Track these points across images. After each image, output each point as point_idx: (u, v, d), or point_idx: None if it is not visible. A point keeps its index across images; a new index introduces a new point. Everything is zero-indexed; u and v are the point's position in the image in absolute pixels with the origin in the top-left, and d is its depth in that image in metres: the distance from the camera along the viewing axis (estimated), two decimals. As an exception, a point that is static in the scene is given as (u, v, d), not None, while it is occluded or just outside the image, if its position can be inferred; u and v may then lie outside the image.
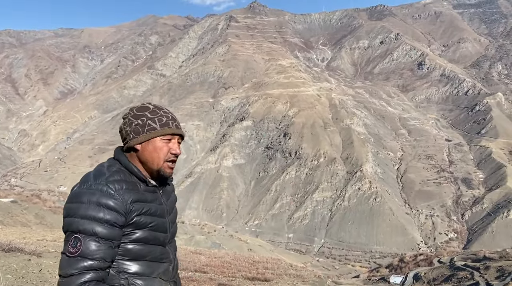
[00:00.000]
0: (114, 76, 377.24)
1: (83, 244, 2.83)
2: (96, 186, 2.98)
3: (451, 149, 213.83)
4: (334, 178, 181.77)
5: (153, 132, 3.18)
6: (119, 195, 2.98)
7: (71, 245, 2.85)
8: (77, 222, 2.87)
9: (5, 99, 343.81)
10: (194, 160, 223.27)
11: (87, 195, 2.93)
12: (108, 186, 2.98)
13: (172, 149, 3.25)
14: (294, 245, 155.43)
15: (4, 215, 49.36)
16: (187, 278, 19.70)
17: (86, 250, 2.82)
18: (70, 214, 2.92)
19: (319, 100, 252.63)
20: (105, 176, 3.06)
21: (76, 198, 2.95)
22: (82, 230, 2.85)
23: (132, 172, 3.18)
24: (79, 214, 2.88)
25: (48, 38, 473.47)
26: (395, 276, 75.11)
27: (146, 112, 3.22)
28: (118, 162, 3.23)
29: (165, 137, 3.22)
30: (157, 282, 3.23)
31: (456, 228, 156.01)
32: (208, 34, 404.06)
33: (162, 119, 3.22)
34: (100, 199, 2.91)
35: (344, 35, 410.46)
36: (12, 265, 12.14)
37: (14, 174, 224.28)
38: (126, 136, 3.24)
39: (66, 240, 2.91)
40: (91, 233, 2.85)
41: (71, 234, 2.88)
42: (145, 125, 3.18)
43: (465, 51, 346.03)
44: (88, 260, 2.82)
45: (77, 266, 2.80)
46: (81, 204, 2.90)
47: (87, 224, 2.85)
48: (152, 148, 3.18)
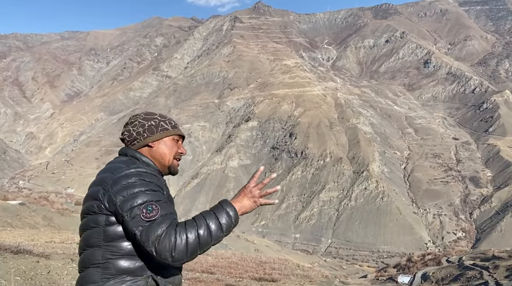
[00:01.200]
0: (120, 78, 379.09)
1: (156, 206, 2.95)
2: (135, 169, 3.16)
3: (459, 147, 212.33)
4: (341, 177, 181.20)
5: (166, 132, 3.52)
6: (155, 177, 3.23)
7: (146, 212, 2.91)
8: (139, 197, 2.97)
9: (13, 102, 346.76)
10: (200, 160, 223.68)
11: (133, 176, 3.09)
12: (146, 168, 3.25)
13: (179, 148, 3.63)
14: (301, 245, 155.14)
15: (13, 217, 49.73)
16: (194, 279, 19.70)
17: (163, 210, 2.96)
18: (126, 195, 3.00)
19: (324, 100, 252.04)
20: (136, 163, 3.30)
21: (124, 180, 3.07)
22: (148, 199, 2.98)
23: (150, 165, 3.41)
24: (135, 191, 3.00)
25: (54, 41, 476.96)
26: (403, 276, 74.67)
27: (156, 116, 3.59)
28: (134, 158, 3.43)
29: (175, 138, 3.59)
30: (177, 274, 3.37)
31: (464, 227, 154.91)
32: (213, 35, 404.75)
33: (171, 122, 3.61)
34: (145, 177, 3.12)
35: (349, 34, 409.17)
36: (21, 267, 12.21)
37: (22, 176, 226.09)
38: (137, 137, 3.47)
39: (135, 216, 2.93)
40: (157, 198, 3.02)
41: (138, 207, 2.94)
42: (159, 126, 3.50)
43: (472, 48, 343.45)
44: (169, 215, 2.97)
45: (163, 224, 2.87)
46: (133, 182, 3.05)
47: (148, 195, 3.00)
48: (164, 146, 3.50)
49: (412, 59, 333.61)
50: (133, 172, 3.12)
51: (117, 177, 3.09)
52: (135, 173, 3.12)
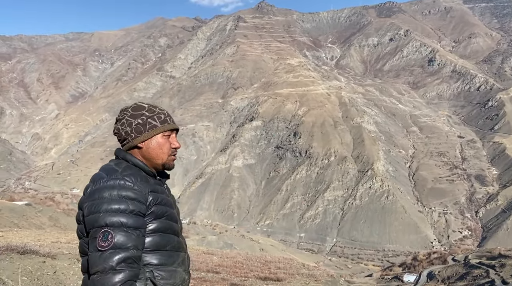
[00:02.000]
0: (124, 79, 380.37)
1: (114, 236, 2.86)
2: (113, 181, 3.07)
3: (464, 145, 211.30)
4: (345, 176, 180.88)
5: (155, 130, 3.34)
6: (136, 186, 3.09)
7: (101, 240, 2.87)
8: (102, 217, 2.92)
9: (18, 103, 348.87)
10: (204, 160, 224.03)
11: (107, 190, 3.01)
12: (125, 178, 3.10)
13: (172, 143, 3.44)
14: (306, 245, 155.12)
15: (19, 217, 50.07)
16: (199, 279, 19.76)
17: (118, 242, 2.86)
18: (93, 210, 2.98)
19: (328, 99, 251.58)
20: (118, 171, 3.19)
21: (95, 194, 3.02)
22: (110, 223, 2.90)
23: (141, 167, 3.31)
24: (103, 208, 2.93)
25: (59, 43, 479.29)
26: (409, 275, 74.43)
27: (144, 111, 3.37)
28: (124, 160, 3.35)
29: (166, 134, 3.40)
30: (178, 272, 3.34)
31: (470, 225, 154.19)
32: (216, 35, 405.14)
33: (160, 116, 3.39)
34: (120, 191, 3.01)
35: (353, 33, 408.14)
36: (27, 267, 12.30)
37: (28, 177, 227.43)
38: (126, 137, 3.37)
39: (94, 237, 2.93)
40: (120, 224, 2.91)
41: (99, 229, 2.92)
42: (146, 124, 3.33)
43: (477, 46, 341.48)
44: (122, 251, 2.86)
45: (112, 259, 2.82)
46: (103, 199, 2.97)
47: (113, 216, 2.91)
48: (155, 144, 3.34)
49: (416, 58, 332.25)
50: (109, 185, 3.04)
51: (93, 189, 3.07)
52: (109, 186, 3.03)
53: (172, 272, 3.26)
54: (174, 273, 3.28)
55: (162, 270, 3.20)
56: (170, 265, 3.27)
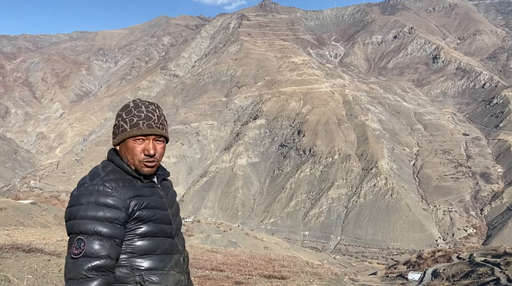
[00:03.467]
0: (128, 78, 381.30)
1: (87, 244, 2.87)
2: (92, 187, 3.03)
3: (469, 143, 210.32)
4: (349, 174, 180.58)
5: (123, 134, 3.23)
6: (116, 192, 3.04)
7: (74, 247, 2.89)
8: (78, 224, 2.93)
9: (23, 103, 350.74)
10: (208, 159, 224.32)
11: (85, 196, 3.00)
12: (105, 184, 3.05)
13: (145, 149, 3.22)
14: (310, 243, 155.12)
15: (25, 216, 50.36)
16: (204, 277, 19.80)
17: (90, 250, 2.86)
18: (70, 217, 3.00)
19: (332, 97, 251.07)
20: (101, 176, 3.13)
21: (75, 200, 3.03)
22: (84, 230, 2.90)
23: (125, 170, 3.24)
24: (79, 215, 2.94)
25: (63, 42, 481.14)
26: (413, 273, 74.30)
27: (123, 113, 3.28)
28: (112, 162, 3.31)
29: (137, 139, 3.22)
30: (171, 275, 3.28)
31: (475, 223, 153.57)
32: (220, 34, 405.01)
33: (133, 119, 3.22)
34: (98, 198, 2.98)
35: (357, 30, 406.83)
36: (32, 265, 12.38)
37: (33, 176, 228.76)
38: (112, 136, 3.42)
39: (70, 243, 2.97)
40: (93, 232, 2.90)
41: (74, 236, 2.94)
42: (119, 127, 3.26)
43: (481, 43, 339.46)
44: (94, 259, 2.86)
45: (83, 267, 2.83)
46: (80, 205, 2.97)
47: (88, 224, 2.91)
48: (125, 148, 3.25)
49: (420, 55, 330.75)
50: (87, 191, 3.03)
51: (74, 195, 3.08)
52: (87, 193, 3.02)
53: (164, 276, 3.21)
54: (166, 277, 3.23)
55: (153, 274, 3.16)
56: (161, 269, 3.21)
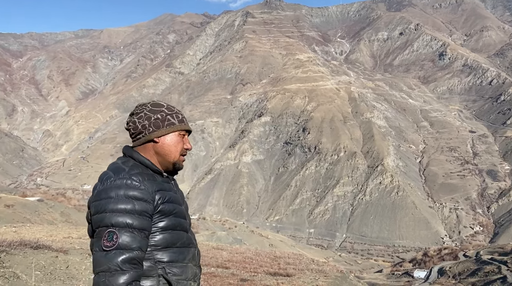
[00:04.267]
0: (133, 76, 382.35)
1: (119, 236, 2.90)
2: (120, 180, 3.09)
3: (475, 140, 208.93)
4: (355, 172, 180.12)
5: (172, 127, 3.40)
6: (143, 186, 3.11)
7: (106, 239, 2.91)
8: (108, 217, 2.96)
9: (29, 100, 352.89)
10: (213, 156, 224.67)
11: (113, 190, 3.04)
12: (132, 178, 3.12)
13: (185, 144, 3.50)
14: (315, 240, 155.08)
15: (32, 213, 50.78)
16: (209, 274, 19.86)
17: (123, 242, 2.90)
18: (99, 210, 3.02)
19: (338, 94, 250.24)
20: (125, 170, 3.21)
21: (102, 194, 3.06)
22: (115, 223, 2.93)
23: (147, 165, 3.33)
24: (109, 208, 2.97)
25: (68, 40, 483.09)
26: (419, 271, 74.11)
27: (163, 109, 3.44)
28: (131, 158, 3.38)
29: (181, 133, 3.47)
30: (190, 268, 3.39)
31: (482, 221, 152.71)
32: (225, 31, 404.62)
33: (178, 116, 3.47)
34: (127, 191, 3.04)
35: (363, 27, 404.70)
36: (40, 262, 12.47)
37: (39, 173, 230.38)
38: (143, 130, 3.39)
39: (99, 236, 2.97)
40: (125, 225, 2.94)
41: (104, 229, 2.95)
42: (165, 120, 3.38)
43: (489, 39, 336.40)
44: (127, 251, 2.89)
45: (117, 260, 2.87)
46: (109, 198, 3.01)
47: (119, 217, 2.95)
48: (170, 141, 3.39)
49: (427, 52, 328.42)
50: (115, 184, 3.08)
51: (101, 189, 3.11)
52: (115, 186, 3.07)
53: (184, 268, 3.32)
54: (186, 269, 3.33)
55: (174, 266, 3.25)
56: (181, 261, 3.31)
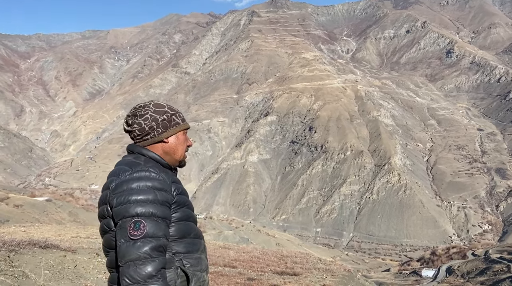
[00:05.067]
0: (140, 76, 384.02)
1: (146, 225, 2.93)
2: (139, 173, 3.17)
3: (484, 138, 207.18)
4: (362, 171, 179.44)
5: (178, 127, 3.56)
6: (161, 177, 3.21)
7: (132, 229, 2.92)
8: (133, 207, 2.99)
9: (37, 101, 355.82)
10: (220, 156, 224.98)
11: (134, 181, 3.10)
12: (150, 170, 3.20)
13: (188, 141, 3.68)
14: (322, 239, 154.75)
15: (40, 213, 51.24)
16: (216, 273, 19.91)
17: (150, 230, 2.93)
18: (122, 201, 3.04)
19: (344, 92, 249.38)
20: (141, 164, 3.30)
21: (124, 185, 3.11)
22: (140, 213, 2.97)
23: (159, 161, 3.44)
24: (132, 199, 3.01)
25: (75, 41, 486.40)
26: (427, 270, 73.67)
27: (166, 109, 3.56)
28: (141, 154, 3.46)
29: (185, 132, 3.65)
30: (203, 259, 3.47)
31: (491, 219, 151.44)
32: (230, 31, 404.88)
33: (180, 115, 3.63)
34: (148, 182, 3.11)
35: (369, 25, 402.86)
36: (49, 261, 12.58)
37: (48, 174, 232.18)
38: (151, 132, 3.47)
39: (123, 227, 2.98)
40: (150, 214, 2.98)
41: (129, 219, 2.97)
42: (171, 120, 3.52)
43: (497, 36, 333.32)
44: (154, 239, 2.94)
45: (146, 248, 2.89)
46: (131, 190, 3.06)
47: (143, 206, 2.99)
48: (177, 140, 3.56)
49: (434, 49, 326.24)
50: (135, 176, 3.14)
51: (120, 181, 3.15)
52: (135, 178, 3.13)
53: (198, 259, 3.39)
54: (200, 260, 3.41)
55: (190, 257, 3.31)
56: (195, 252, 3.38)
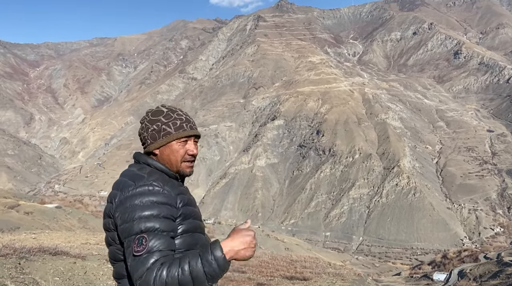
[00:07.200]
0: (147, 82, 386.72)
1: (148, 240, 2.89)
2: (142, 188, 3.05)
3: (494, 139, 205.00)
4: (371, 174, 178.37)
5: (168, 137, 3.28)
6: (166, 190, 3.08)
7: (136, 245, 2.89)
8: (136, 224, 2.93)
9: (46, 109, 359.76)
10: (227, 161, 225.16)
11: (137, 197, 3.01)
12: (153, 184, 3.08)
13: (189, 150, 3.34)
14: (331, 244, 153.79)
15: (50, 220, 51.57)
16: (226, 278, 19.83)
17: (152, 245, 2.89)
18: (126, 219, 2.98)
19: (351, 95, 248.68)
20: (145, 177, 3.16)
21: (127, 202, 3.02)
22: (144, 229, 2.91)
23: (163, 171, 3.29)
24: (136, 216, 2.94)
25: (83, 48, 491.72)
26: (439, 273, 72.77)
27: (161, 117, 3.32)
28: (146, 164, 3.33)
29: (181, 140, 3.31)
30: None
31: (502, 222, 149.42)
32: (236, 35, 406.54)
33: (176, 122, 3.31)
34: (151, 197, 3.00)
35: (375, 28, 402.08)
36: (59, 268, 12.61)
37: (57, 180, 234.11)
38: (144, 142, 3.38)
39: (129, 246, 2.94)
40: (153, 229, 2.93)
41: (133, 237, 2.93)
42: (161, 131, 3.28)
43: (505, 37, 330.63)
44: (156, 253, 2.88)
45: (148, 262, 2.84)
46: (135, 206, 2.97)
47: (147, 222, 2.93)
48: (169, 151, 3.30)
49: (441, 51, 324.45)
50: (138, 192, 3.04)
51: (123, 197, 3.06)
52: (138, 193, 3.03)
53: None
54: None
55: None
56: None
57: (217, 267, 2.78)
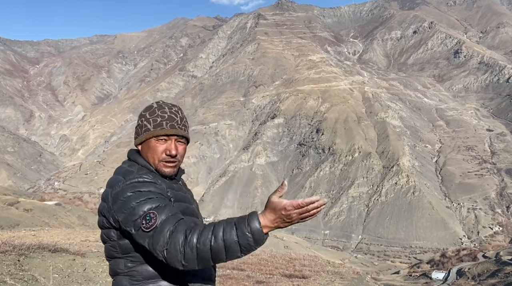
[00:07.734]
0: (147, 80, 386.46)
1: (155, 213, 2.79)
2: (131, 180, 3.02)
3: (493, 138, 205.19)
4: (370, 173, 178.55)
5: (146, 134, 3.22)
6: (156, 182, 3.06)
7: (145, 225, 2.78)
8: (136, 210, 2.85)
9: (46, 106, 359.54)
10: (227, 159, 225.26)
11: (128, 189, 2.96)
12: (143, 176, 3.06)
13: (167, 149, 3.21)
14: (330, 242, 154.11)
15: (50, 217, 51.64)
16: (225, 276, 19.89)
17: (162, 214, 2.80)
18: (124, 210, 2.91)
19: (351, 94, 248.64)
20: (134, 172, 3.15)
21: (120, 196, 2.96)
22: (146, 210, 2.83)
23: (146, 167, 3.24)
24: (132, 204, 2.88)
25: (83, 46, 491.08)
26: (437, 272, 72.97)
27: (146, 113, 3.28)
28: (135, 162, 3.30)
29: (159, 138, 3.21)
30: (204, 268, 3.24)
31: (501, 221, 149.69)
32: (237, 34, 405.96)
33: (156, 120, 3.21)
34: (142, 188, 2.96)
35: (376, 26, 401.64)
36: (58, 265, 12.65)
37: (57, 178, 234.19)
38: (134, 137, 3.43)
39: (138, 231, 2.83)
40: (155, 207, 2.84)
41: (139, 220, 2.83)
42: (142, 126, 3.25)
43: (505, 36, 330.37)
44: (169, 218, 2.79)
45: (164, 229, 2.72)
46: (128, 198, 2.92)
47: (145, 205, 2.86)
48: (147, 148, 3.24)
49: (441, 50, 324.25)
50: (128, 185, 2.99)
51: (115, 193, 3.01)
52: (129, 186, 2.98)
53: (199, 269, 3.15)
54: (202, 269, 3.13)
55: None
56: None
57: (252, 240, 2.66)
